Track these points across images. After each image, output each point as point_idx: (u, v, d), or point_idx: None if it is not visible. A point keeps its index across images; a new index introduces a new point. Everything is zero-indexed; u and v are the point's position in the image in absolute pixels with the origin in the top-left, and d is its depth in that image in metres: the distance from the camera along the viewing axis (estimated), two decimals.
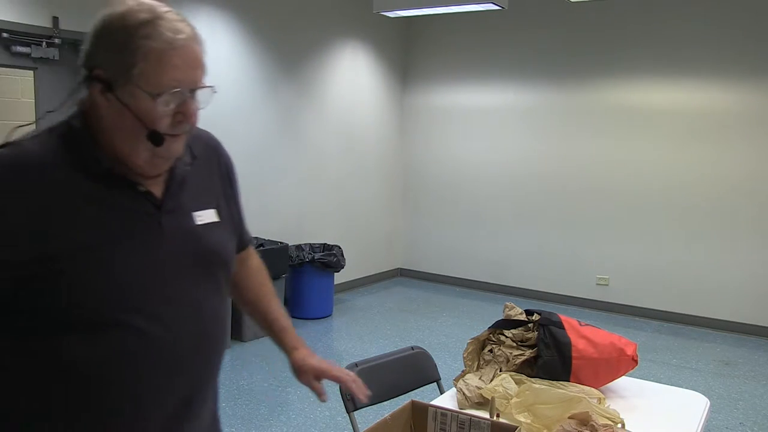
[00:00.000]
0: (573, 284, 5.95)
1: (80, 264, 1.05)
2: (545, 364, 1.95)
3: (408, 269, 7.01)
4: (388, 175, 6.80)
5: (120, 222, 1.11)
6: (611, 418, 1.71)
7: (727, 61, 5.12)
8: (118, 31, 1.05)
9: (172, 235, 1.16)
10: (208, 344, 1.22)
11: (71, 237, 1.05)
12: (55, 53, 3.93)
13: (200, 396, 1.24)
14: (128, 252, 1.10)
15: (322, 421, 3.50)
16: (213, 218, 1.25)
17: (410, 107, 6.86)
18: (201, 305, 1.20)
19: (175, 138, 1.12)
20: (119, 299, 1.09)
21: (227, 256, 1.28)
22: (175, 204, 1.18)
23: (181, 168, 1.21)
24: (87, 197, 1.08)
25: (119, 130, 1.09)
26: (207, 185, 1.28)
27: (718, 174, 5.24)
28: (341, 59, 6.04)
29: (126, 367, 1.10)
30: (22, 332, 1.08)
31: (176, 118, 1.10)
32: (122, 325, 1.09)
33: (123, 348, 1.10)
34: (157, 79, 1.05)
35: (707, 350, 4.85)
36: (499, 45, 6.19)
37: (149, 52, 1.04)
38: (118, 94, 1.06)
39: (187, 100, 1.10)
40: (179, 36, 1.07)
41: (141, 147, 1.09)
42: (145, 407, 1.14)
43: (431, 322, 5.42)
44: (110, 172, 1.11)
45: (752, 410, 3.81)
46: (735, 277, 5.23)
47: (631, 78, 5.53)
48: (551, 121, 5.98)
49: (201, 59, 1.12)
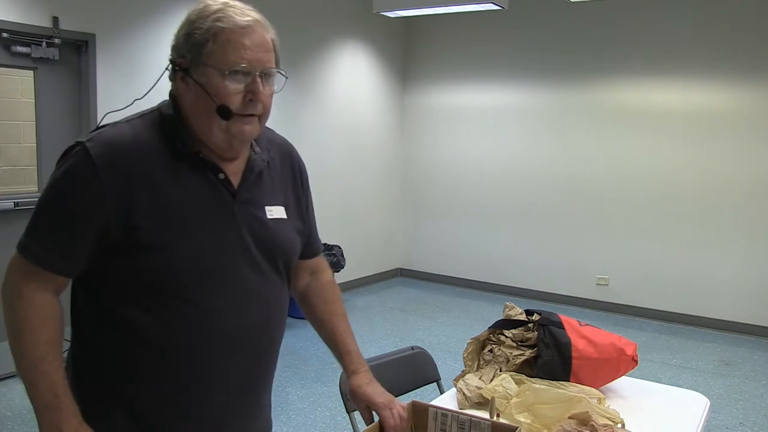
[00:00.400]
0: (573, 284, 5.95)
1: (160, 237, 1.15)
2: (545, 364, 1.95)
3: (408, 269, 7.01)
4: (388, 175, 6.80)
5: (198, 204, 1.21)
6: (611, 418, 1.70)
7: (727, 61, 5.11)
8: (194, 21, 1.18)
9: (243, 224, 1.25)
10: (268, 329, 1.32)
11: (154, 211, 1.15)
12: (55, 53, 3.93)
13: (260, 377, 1.34)
14: (201, 232, 1.20)
15: (322, 421, 3.50)
16: (282, 215, 1.34)
17: (410, 107, 6.86)
18: (263, 292, 1.29)
19: (247, 118, 1.20)
20: (188, 275, 1.18)
21: (292, 251, 1.37)
22: (248, 196, 1.28)
23: (258, 163, 1.31)
24: (171, 177, 1.19)
25: (196, 110, 1.20)
26: (280, 185, 1.37)
27: (718, 174, 5.24)
28: (341, 59, 6.04)
29: (190, 342, 1.20)
30: (104, 301, 1.20)
31: (246, 98, 1.18)
32: (188, 301, 1.19)
33: (188, 322, 1.20)
34: (225, 57, 1.16)
35: (707, 350, 4.85)
36: (499, 45, 6.19)
37: (218, 33, 1.16)
38: (194, 75, 1.18)
39: (255, 80, 1.18)
40: (245, 18, 1.18)
41: (215, 125, 1.19)
42: (208, 382, 1.24)
43: (431, 322, 5.42)
44: (196, 156, 1.21)
45: (752, 410, 3.81)
46: (735, 277, 5.22)
47: (632, 78, 5.53)
48: (551, 121, 5.97)
49: (268, 44, 1.21)
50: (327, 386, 3.86)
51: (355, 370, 1.49)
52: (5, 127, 3.89)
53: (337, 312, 1.54)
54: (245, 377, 1.30)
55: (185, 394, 1.23)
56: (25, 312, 1.15)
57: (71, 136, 4.16)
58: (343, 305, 1.58)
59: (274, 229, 1.31)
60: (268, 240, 1.29)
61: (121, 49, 4.28)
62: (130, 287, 1.18)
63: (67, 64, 4.09)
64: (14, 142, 3.94)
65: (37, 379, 1.14)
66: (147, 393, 1.22)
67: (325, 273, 1.57)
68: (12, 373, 3.96)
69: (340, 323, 1.52)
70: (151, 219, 1.15)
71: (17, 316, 1.15)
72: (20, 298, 1.16)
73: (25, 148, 3.99)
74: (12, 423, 3.38)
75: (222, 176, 1.24)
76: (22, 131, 3.97)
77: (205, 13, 1.18)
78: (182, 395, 1.23)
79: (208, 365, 1.23)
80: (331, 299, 1.55)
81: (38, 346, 1.15)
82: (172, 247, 1.16)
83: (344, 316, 1.55)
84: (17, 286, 1.17)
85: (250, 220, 1.27)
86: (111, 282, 1.19)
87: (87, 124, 4.17)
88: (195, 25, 1.18)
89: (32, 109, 3.97)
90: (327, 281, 1.57)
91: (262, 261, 1.28)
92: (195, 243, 1.19)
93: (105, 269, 1.18)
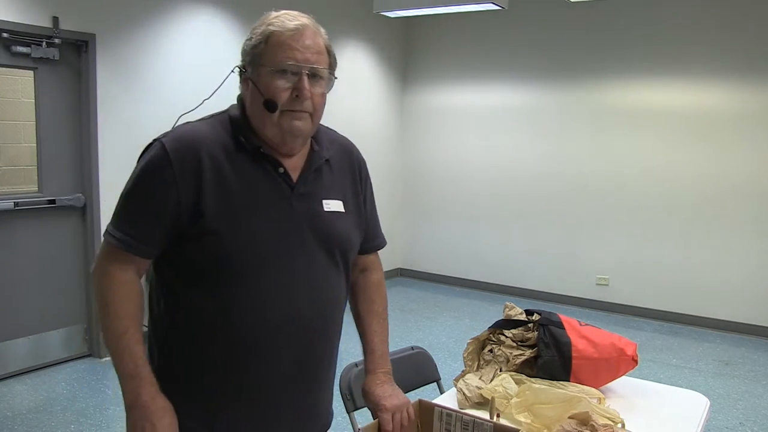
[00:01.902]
0: (573, 284, 5.95)
1: (222, 223, 1.26)
2: (545, 364, 1.95)
3: (408, 269, 7.01)
4: (388, 175, 6.80)
5: (257, 194, 1.31)
6: (611, 418, 1.70)
7: (728, 61, 5.11)
8: (255, 28, 1.33)
9: (300, 215, 1.35)
10: (325, 316, 1.40)
11: (218, 198, 1.27)
12: (55, 53, 3.93)
13: (316, 363, 1.41)
14: (259, 221, 1.30)
15: None
16: (339, 209, 1.42)
17: (410, 107, 6.86)
18: (320, 281, 1.37)
19: (296, 114, 1.31)
20: (244, 260, 1.28)
21: (350, 243, 1.45)
22: (306, 189, 1.37)
23: (317, 160, 1.40)
24: (235, 169, 1.30)
25: (253, 107, 1.32)
26: (339, 180, 1.45)
27: (718, 174, 5.24)
28: (341, 59, 5.96)
29: (244, 324, 1.29)
30: (173, 285, 1.32)
31: (293, 94, 1.29)
32: (244, 285, 1.29)
33: (243, 305, 1.29)
34: (274, 57, 1.28)
35: (707, 350, 4.85)
36: (499, 45, 6.19)
37: (270, 35, 1.29)
38: (250, 75, 1.31)
39: (301, 78, 1.29)
40: (295, 22, 1.30)
41: (267, 120, 1.31)
42: (259, 365, 1.32)
43: (431, 322, 5.42)
44: (257, 150, 1.32)
45: (752, 410, 3.81)
46: (735, 277, 5.22)
47: (632, 78, 5.53)
48: (551, 121, 5.97)
49: (319, 47, 1.32)
50: None
51: (371, 370, 1.54)
52: (5, 127, 3.89)
53: (375, 311, 1.59)
54: (298, 363, 1.36)
55: (238, 374, 1.32)
56: (110, 289, 1.28)
57: (71, 136, 4.17)
58: (385, 306, 1.62)
59: (331, 222, 1.39)
60: (324, 231, 1.37)
61: (121, 49, 4.28)
62: (194, 270, 1.29)
63: (67, 64, 4.09)
64: (14, 142, 3.94)
65: (121, 350, 1.25)
66: (205, 373, 1.32)
67: (375, 273, 1.64)
68: (12, 373, 3.96)
69: (373, 322, 1.58)
70: (215, 205, 1.26)
71: (104, 293, 1.28)
72: (106, 277, 1.29)
73: (25, 148, 3.99)
74: (12, 423, 3.38)
75: (281, 170, 1.34)
76: (22, 131, 3.96)
77: (264, 20, 1.32)
78: (235, 375, 1.32)
79: (260, 348, 1.31)
80: (372, 298, 1.60)
81: (122, 319, 1.26)
82: (232, 233, 1.27)
83: (380, 315, 1.59)
84: (104, 266, 1.30)
85: (308, 212, 1.36)
86: (179, 265, 1.31)
87: (87, 124, 4.17)
88: (255, 31, 1.32)
89: (32, 109, 3.97)
90: (374, 280, 1.63)
91: (319, 252, 1.36)
92: (252, 230, 1.28)
93: (175, 253, 1.30)
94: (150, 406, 1.24)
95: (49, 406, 3.59)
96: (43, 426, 3.36)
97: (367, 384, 1.52)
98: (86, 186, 4.22)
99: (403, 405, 1.48)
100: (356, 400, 1.97)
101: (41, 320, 4.09)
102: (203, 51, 4.78)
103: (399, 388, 1.54)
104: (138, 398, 1.24)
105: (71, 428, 3.36)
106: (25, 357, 4.03)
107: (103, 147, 4.21)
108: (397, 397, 1.49)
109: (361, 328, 1.59)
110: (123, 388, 1.26)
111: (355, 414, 1.99)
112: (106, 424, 3.40)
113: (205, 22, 4.77)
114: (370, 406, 1.51)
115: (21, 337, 4.00)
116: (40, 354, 4.10)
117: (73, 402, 3.66)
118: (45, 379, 3.96)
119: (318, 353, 1.40)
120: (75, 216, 4.23)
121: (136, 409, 1.24)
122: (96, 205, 4.22)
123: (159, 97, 4.49)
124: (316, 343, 1.39)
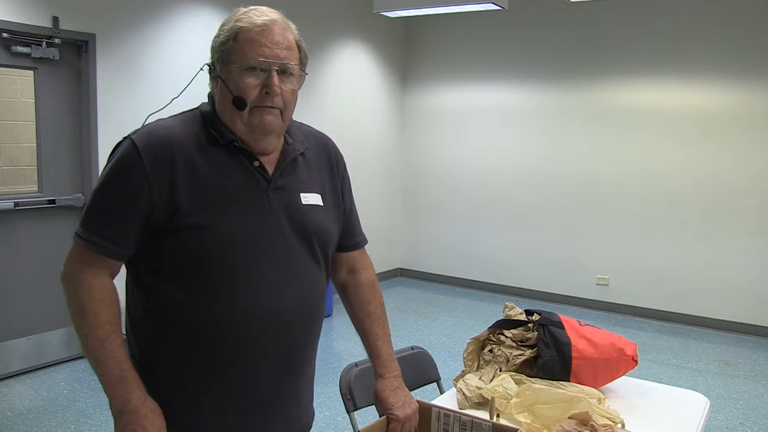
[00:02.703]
0: (573, 284, 5.95)
1: (199, 217, 1.24)
2: (545, 364, 1.95)
3: (408, 269, 7.01)
4: (388, 175, 6.80)
5: (234, 188, 1.29)
6: (611, 418, 1.70)
7: (728, 61, 5.11)
8: (223, 24, 1.32)
9: (278, 209, 1.33)
10: (307, 310, 1.37)
11: (193, 193, 1.24)
12: (55, 53, 3.93)
13: (301, 355, 1.39)
14: (238, 215, 1.28)
15: (322, 421, 3.50)
16: (318, 202, 1.40)
17: (410, 107, 6.86)
18: (301, 275, 1.35)
19: (266, 110, 1.29)
20: (224, 255, 1.25)
21: (328, 236, 1.43)
22: (283, 182, 1.35)
23: (291, 152, 1.38)
24: (209, 163, 1.27)
25: (222, 104, 1.31)
26: (316, 174, 1.44)
27: (718, 174, 5.24)
28: (341, 59, 6.04)
29: (228, 322, 1.27)
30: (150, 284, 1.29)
31: (263, 91, 1.27)
32: (225, 280, 1.26)
33: (225, 301, 1.26)
34: (243, 54, 1.26)
35: (707, 350, 4.85)
36: (499, 45, 6.19)
37: (239, 32, 1.27)
38: (219, 72, 1.30)
39: (271, 75, 1.27)
40: (263, 18, 1.28)
41: (235, 117, 1.29)
42: (252, 358, 1.30)
43: (431, 322, 5.42)
44: (231, 144, 1.30)
45: (752, 410, 3.81)
46: (735, 277, 5.22)
47: (631, 78, 5.53)
48: (551, 121, 5.97)
49: (288, 42, 1.30)
50: (327, 386, 3.86)
51: (381, 374, 1.53)
52: (5, 127, 3.89)
53: (372, 313, 1.56)
54: (284, 359, 1.34)
55: (223, 370, 1.29)
56: (87, 295, 1.25)
57: (71, 136, 4.17)
58: (382, 307, 1.59)
59: (309, 214, 1.37)
60: (303, 224, 1.35)
61: (121, 49, 4.28)
62: (172, 267, 1.27)
63: (67, 64, 4.09)
64: (14, 142, 3.94)
65: (105, 356, 1.24)
66: (188, 371, 1.29)
67: (364, 272, 1.59)
68: (12, 373, 3.96)
69: (372, 325, 1.55)
70: (191, 200, 1.24)
71: (80, 300, 1.25)
72: (80, 284, 1.25)
73: (25, 148, 3.99)
74: (12, 423, 3.38)
75: (257, 163, 1.32)
76: (22, 131, 3.96)
77: (232, 16, 1.30)
78: (220, 371, 1.29)
79: (244, 343, 1.29)
80: (367, 300, 1.57)
81: (102, 325, 1.24)
82: (211, 226, 1.24)
83: (379, 317, 1.57)
84: (76, 272, 1.26)
85: (286, 205, 1.34)
86: (156, 263, 1.28)
87: (87, 124, 4.17)
88: (223, 27, 1.30)
89: (32, 109, 3.97)
90: (364, 281, 1.58)
91: (299, 245, 1.35)
92: (231, 224, 1.26)
93: (151, 251, 1.27)
94: (140, 409, 1.23)
95: (49, 406, 3.59)
96: (43, 426, 3.36)
97: (379, 389, 1.51)
98: (86, 186, 4.22)
99: (414, 413, 1.50)
100: (356, 400, 1.97)
101: (41, 320, 4.09)
102: (203, 51, 4.76)
103: (409, 392, 1.54)
104: (128, 403, 1.23)
105: (71, 428, 3.36)
106: (25, 357, 4.03)
107: (103, 147, 4.21)
108: (410, 405, 1.50)
109: (361, 332, 1.56)
110: (110, 394, 1.25)
111: (355, 414, 1.99)
112: (106, 424, 3.40)
113: (205, 22, 4.76)
114: (381, 411, 1.51)
115: (21, 337, 4.00)
116: (40, 354, 4.10)
117: (73, 402, 3.66)
118: (45, 379, 3.96)
119: (301, 347, 1.39)
120: (75, 216, 4.23)
121: (125, 414, 1.23)
122: None
123: (159, 97, 4.48)
124: (299, 337, 1.37)
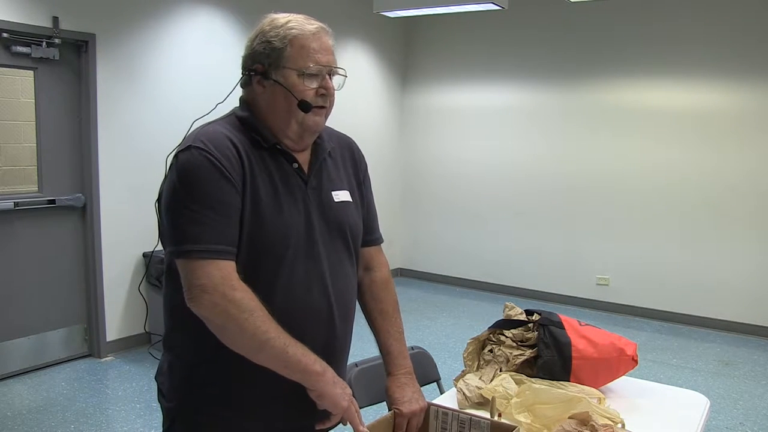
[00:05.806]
0: (573, 284, 5.95)
1: (255, 215, 1.30)
2: (545, 364, 1.95)
3: (408, 269, 7.01)
4: (388, 175, 6.80)
5: (283, 186, 1.37)
6: (611, 418, 1.70)
7: (727, 61, 5.11)
8: (269, 31, 1.38)
9: (317, 207, 1.42)
10: (345, 302, 1.45)
11: (254, 192, 1.32)
12: (55, 53, 3.93)
13: (339, 346, 1.46)
14: (289, 209, 1.36)
15: None
16: (348, 198, 1.50)
17: (410, 107, 6.86)
18: (337, 268, 1.44)
19: (318, 110, 1.40)
20: (274, 251, 1.32)
21: (358, 230, 1.53)
22: (317, 181, 1.45)
23: (321, 152, 1.47)
24: (259, 165, 1.35)
25: (274, 108, 1.38)
26: (341, 172, 1.53)
27: (718, 174, 5.24)
28: (341, 59, 5.93)
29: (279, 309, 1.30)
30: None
31: (318, 92, 1.39)
32: (273, 277, 1.32)
33: (278, 292, 1.32)
34: (301, 59, 1.36)
35: (707, 350, 4.85)
36: (499, 45, 6.19)
37: (294, 39, 1.36)
38: (273, 77, 1.36)
39: (326, 78, 1.40)
40: (313, 26, 1.39)
41: (292, 119, 1.38)
42: None
43: (431, 322, 5.42)
44: (274, 147, 1.39)
45: (752, 410, 3.81)
46: (735, 277, 5.22)
47: (631, 78, 5.53)
48: (551, 121, 5.97)
49: (332, 48, 1.42)
50: None
51: (390, 371, 1.56)
52: (5, 127, 3.89)
53: (385, 311, 1.60)
54: (324, 346, 1.38)
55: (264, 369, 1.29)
56: (241, 306, 1.23)
57: (71, 136, 4.17)
58: (395, 305, 1.62)
59: (342, 211, 1.46)
60: (337, 221, 1.44)
61: (121, 49, 4.28)
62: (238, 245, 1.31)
63: (67, 64, 4.09)
64: (14, 142, 3.94)
65: (296, 354, 1.27)
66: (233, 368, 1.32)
67: (379, 270, 1.63)
68: (12, 373, 3.95)
69: (384, 323, 1.59)
70: (251, 198, 1.31)
71: (240, 317, 1.23)
72: (229, 300, 1.23)
73: (25, 148, 3.99)
74: (12, 423, 3.38)
75: (296, 165, 1.41)
76: (22, 131, 3.97)
77: (277, 24, 1.38)
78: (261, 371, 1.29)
79: (291, 335, 1.30)
80: (380, 297, 1.61)
81: (270, 323, 1.26)
82: (263, 225, 1.31)
83: (391, 315, 1.60)
84: (217, 287, 1.23)
85: (321, 203, 1.43)
86: None
87: (87, 124, 4.17)
88: (270, 34, 1.37)
89: (32, 109, 3.97)
90: (379, 279, 1.62)
91: (336, 240, 1.44)
92: (281, 222, 1.33)
93: None
94: (339, 381, 1.34)
95: (49, 406, 3.59)
96: (43, 426, 3.36)
97: (388, 385, 1.54)
98: (86, 186, 4.22)
99: (420, 410, 1.50)
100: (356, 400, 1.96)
101: (41, 320, 4.09)
102: (203, 51, 4.77)
103: (419, 389, 1.55)
104: (329, 383, 1.31)
105: (71, 428, 3.36)
106: (25, 357, 4.03)
107: (103, 147, 4.21)
108: (417, 402, 1.51)
109: (374, 329, 1.60)
110: (321, 391, 1.31)
111: None
112: (106, 424, 3.40)
113: (205, 22, 4.77)
114: (389, 407, 1.53)
115: (21, 337, 4.00)
116: (40, 354, 4.10)
117: (73, 402, 3.66)
118: (45, 379, 3.96)
119: (340, 337, 1.46)
120: (75, 216, 4.23)
121: (339, 382, 1.34)
122: (96, 205, 4.22)
123: (159, 97, 4.49)
124: (339, 328, 1.44)
